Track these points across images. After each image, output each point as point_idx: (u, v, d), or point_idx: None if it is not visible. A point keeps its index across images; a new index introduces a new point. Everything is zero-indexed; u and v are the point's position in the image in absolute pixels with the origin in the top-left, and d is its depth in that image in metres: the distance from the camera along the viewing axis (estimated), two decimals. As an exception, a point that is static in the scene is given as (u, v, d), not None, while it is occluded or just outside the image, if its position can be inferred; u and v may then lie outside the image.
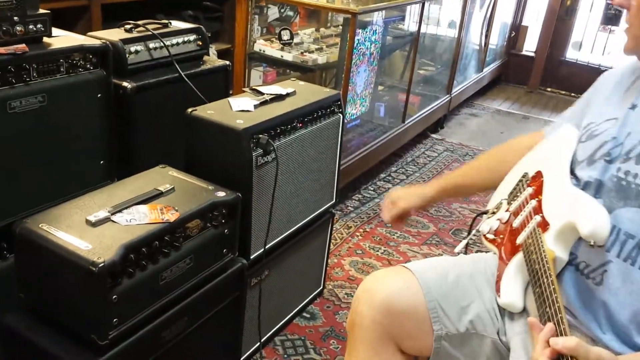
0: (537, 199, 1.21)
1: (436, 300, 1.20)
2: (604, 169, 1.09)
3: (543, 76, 5.33)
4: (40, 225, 1.20)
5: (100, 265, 1.09)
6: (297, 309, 2.05)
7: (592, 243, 1.05)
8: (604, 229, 1.04)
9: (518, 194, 1.29)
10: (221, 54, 3.43)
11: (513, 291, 1.14)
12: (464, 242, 1.45)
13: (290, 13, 3.47)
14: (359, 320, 1.22)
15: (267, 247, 1.66)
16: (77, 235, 1.17)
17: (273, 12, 3.39)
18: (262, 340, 1.85)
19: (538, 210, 1.18)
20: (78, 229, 1.19)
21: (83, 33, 1.71)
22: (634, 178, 1.04)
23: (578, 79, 5.15)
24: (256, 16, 3.06)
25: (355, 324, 1.22)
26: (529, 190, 1.25)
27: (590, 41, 5.21)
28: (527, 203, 1.22)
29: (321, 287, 2.18)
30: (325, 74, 3.16)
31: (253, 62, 2.94)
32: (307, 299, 2.10)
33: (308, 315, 2.08)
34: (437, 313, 1.20)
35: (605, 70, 1.31)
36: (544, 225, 1.14)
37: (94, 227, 1.20)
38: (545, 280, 1.02)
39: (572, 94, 5.25)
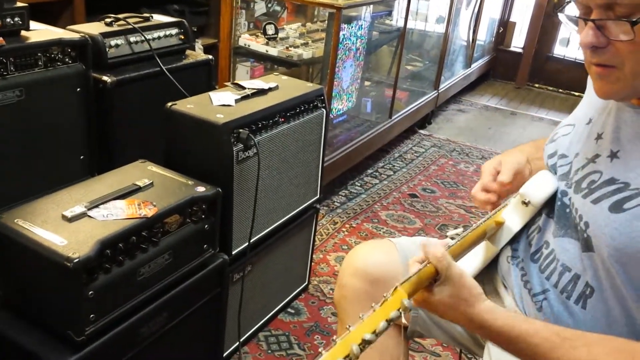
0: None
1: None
2: None
3: (531, 72, 5.35)
4: (15, 221, 1.18)
5: (76, 261, 1.08)
6: (282, 304, 2.04)
7: (526, 201, 1.07)
8: (539, 188, 1.05)
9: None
10: (207, 49, 3.41)
11: (466, 265, 1.14)
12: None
13: (278, 8, 3.45)
14: (342, 290, 1.27)
15: (250, 242, 1.65)
16: (53, 231, 1.15)
17: (260, 7, 3.37)
18: (245, 337, 1.84)
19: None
20: (54, 224, 1.18)
21: (65, 27, 1.69)
22: (572, 207, 0.98)
23: (565, 75, 5.18)
24: (243, 11, 3.04)
25: (341, 294, 1.27)
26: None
27: (577, 37, 5.23)
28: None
29: (306, 283, 2.17)
30: (312, 69, 3.15)
31: (239, 57, 2.92)
32: (292, 295, 2.10)
33: (292, 311, 2.07)
34: None
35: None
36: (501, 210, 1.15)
37: (69, 222, 1.19)
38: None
39: (560, 90, 5.28)
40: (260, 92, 1.73)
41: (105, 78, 1.66)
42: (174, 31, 1.93)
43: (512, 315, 0.91)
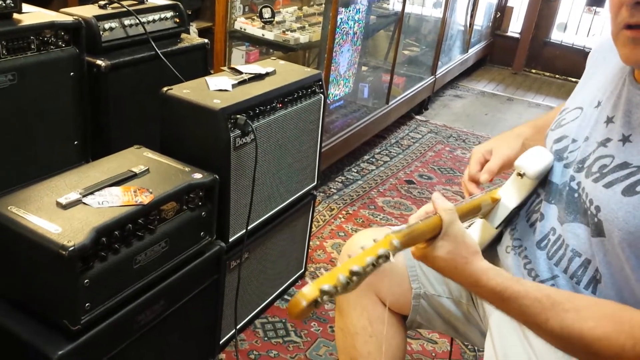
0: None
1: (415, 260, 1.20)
2: (561, 172, 1.04)
3: (528, 57, 5.32)
4: (9, 208, 1.16)
5: (71, 249, 1.06)
6: (279, 291, 2.03)
7: (521, 172, 1.06)
8: (534, 161, 1.04)
9: None
10: (202, 33, 3.37)
11: None
12: None
13: (273, -9, 3.41)
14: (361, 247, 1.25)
15: (247, 229, 1.63)
16: (47, 218, 1.13)
17: (256, -10, 3.33)
18: (242, 324, 1.83)
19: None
20: (48, 211, 1.16)
21: (58, 10, 1.66)
22: (582, 192, 0.97)
23: (562, 61, 5.16)
24: (238, -6, 2.99)
25: None
26: None
27: (575, 22, 5.20)
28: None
29: (303, 270, 2.16)
30: (309, 53, 3.11)
31: (234, 41, 2.88)
32: (289, 282, 2.08)
33: (289, 298, 2.06)
34: (415, 272, 1.22)
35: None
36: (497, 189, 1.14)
37: (64, 209, 1.17)
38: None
39: (557, 76, 5.25)
40: (258, 77, 1.70)
41: (99, 62, 1.64)
42: (169, 14, 1.89)
43: (506, 276, 0.92)
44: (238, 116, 1.49)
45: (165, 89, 1.54)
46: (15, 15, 1.47)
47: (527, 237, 1.08)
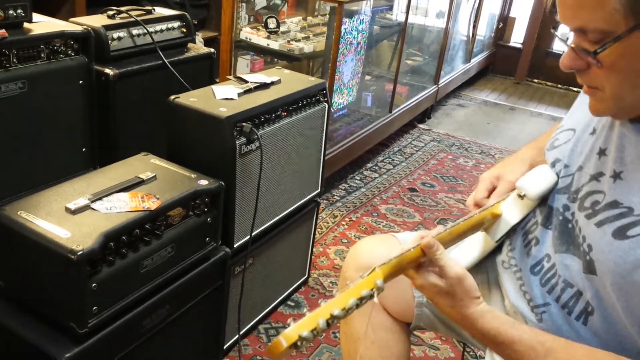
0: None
1: None
2: (555, 198, 1.02)
3: (530, 67, 5.35)
4: (19, 213, 1.19)
5: (79, 253, 1.08)
6: (282, 297, 2.05)
7: (522, 194, 1.06)
8: (535, 182, 1.04)
9: None
10: (208, 42, 3.41)
11: (462, 256, 1.15)
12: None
13: (278, 1, 3.44)
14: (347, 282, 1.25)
15: (252, 235, 1.65)
16: (56, 223, 1.16)
17: (260, 0, 3.36)
18: (245, 329, 1.85)
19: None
20: (57, 216, 1.18)
21: (66, 19, 1.69)
22: (576, 224, 0.95)
23: (564, 71, 5.17)
24: (243, 4, 3.03)
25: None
26: None
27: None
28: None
29: (306, 276, 2.18)
30: (313, 63, 3.14)
31: (240, 50, 2.92)
32: (292, 288, 2.10)
33: (293, 304, 2.08)
34: None
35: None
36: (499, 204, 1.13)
37: (73, 214, 1.19)
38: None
39: (559, 86, 5.28)
40: (263, 85, 1.73)
41: (107, 71, 1.66)
42: (176, 24, 1.92)
43: (503, 320, 0.91)
44: (244, 124, 1.51)
45: (172, 97, 1.57)
46: (26, 25, 1.50)
47: (522, 259, 1.07)
